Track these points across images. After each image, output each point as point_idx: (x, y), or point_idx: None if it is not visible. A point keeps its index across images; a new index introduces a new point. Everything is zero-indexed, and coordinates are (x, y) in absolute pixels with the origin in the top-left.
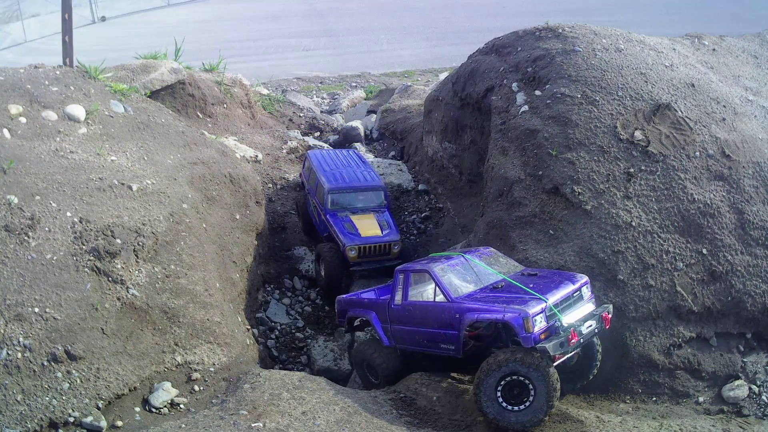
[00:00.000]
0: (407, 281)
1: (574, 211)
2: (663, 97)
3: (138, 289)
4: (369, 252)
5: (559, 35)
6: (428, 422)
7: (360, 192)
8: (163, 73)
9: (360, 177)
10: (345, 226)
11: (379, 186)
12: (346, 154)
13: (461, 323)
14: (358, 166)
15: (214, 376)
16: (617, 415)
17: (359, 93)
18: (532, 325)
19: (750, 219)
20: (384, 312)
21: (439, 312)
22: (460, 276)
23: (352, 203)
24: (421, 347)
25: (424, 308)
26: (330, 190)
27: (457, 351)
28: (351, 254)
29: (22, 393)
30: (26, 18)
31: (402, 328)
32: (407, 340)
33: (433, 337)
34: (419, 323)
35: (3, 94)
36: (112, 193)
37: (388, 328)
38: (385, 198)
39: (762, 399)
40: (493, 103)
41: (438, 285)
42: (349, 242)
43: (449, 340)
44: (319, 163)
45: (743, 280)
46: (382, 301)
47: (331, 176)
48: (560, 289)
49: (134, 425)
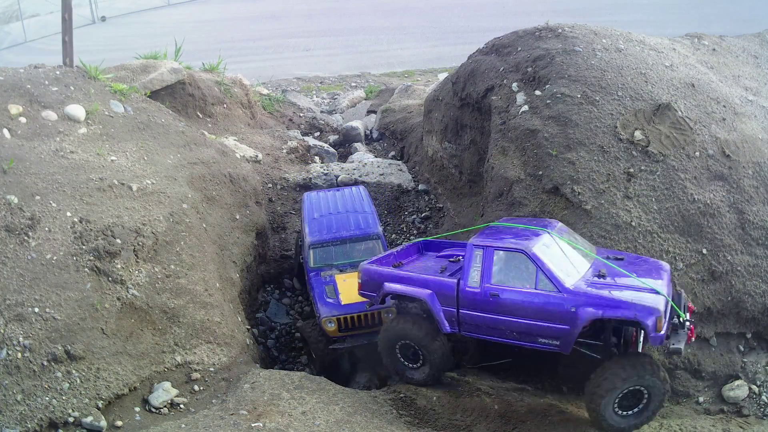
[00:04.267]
0: (489, 260)
1: (574, 211)
2: (663, 97)
3: (138, 289)
4: (353, 324)
5: (559, 35)
6: (428, 422)
7: (350, 243)
8: (163, 73)
9: (353, 224)
10: (325, 290)
11: (373, 234)
12: (347, 194)
13: (578, 319)
14: (355, 211)
15: (214, 376)
16: None
17: (359, 93)
18: (663, 324)
19: (750, 219)
20: (449, 294)
21: (545, 303)
22: (557, 259)
23: (340, 258)
24: (505, 338)
25: (520, 297)
26: (311, 245)
27: (564, 347)
28: (328, 327)
29: (22, 393)
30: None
31: (479, 315)
32: (483, 329)
33: (530, 329)
34: (509, 312)
35: (3, 94)
36: (112, 193)
37: (453, 312)
38: (384, 248)
39: (762, 399)
40: (493, 103)
41: (542, 270)
42: (325, 312)
43: (555, 334)
44: (310, 207)
45: (743, 280)
46: (445, 281)
47: (316, 226)
48: (663, 279)
49: (134, 425)
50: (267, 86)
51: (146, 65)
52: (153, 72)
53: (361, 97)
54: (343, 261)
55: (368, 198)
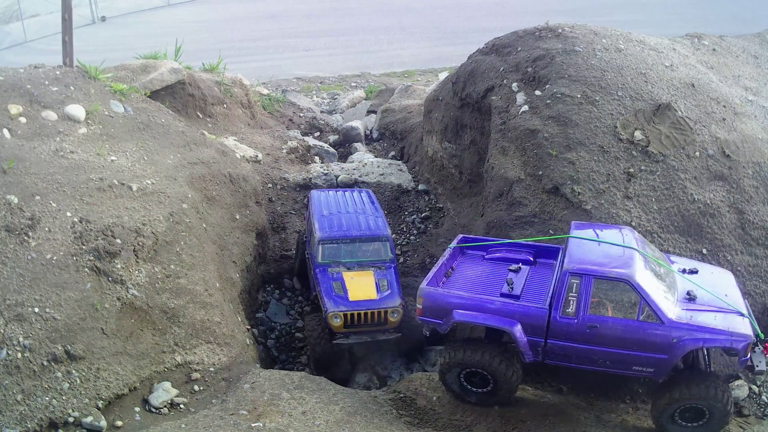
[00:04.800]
0: (587, 288)
1: (574, 211)
2: (663, 97)
3: (138, 289)
4: (358, 321)
5: (559, 35)
6: (428, 422)
7: (359, 242)
8: (163, 73)
9: (362, 224)
10: (333, 285)
11: (383, 236)
12: (355, 196)
13: (679, 349)
14: (364, 212)
15: (214, 376)
16: (617, 415)
17: (359, 93)
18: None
19: (750, 219)
20: (538, 324)
21: (647, 335)
22: (655, 285)
23: (348, 256)
24: (596, 366)
25: (621, 328)
26: (321, 240)
27: (658, 374)
28: (334, 323)
29: (22, 393)
30: (26, 18)
31: (572, 346)
32: (573, 358)
33: (626, 359)
34: (607, 343)
35: (3, 94)
36: (112, 193)
37: (540, 343)
38: (392, 251)
39: (762, 399)
40: (493, 103)
41: (646, 302)
42: (332, 307)
43: (651, 363)
44: (319, 204)
45: (743, 280)
46: (534, 310)
47: (327, 223)
48: (740, 293)
49: (134, 425)
50: (267, 86)
51: (146, 65)
52: (153, 72)
53: (361, 97)
54: (351, 259)
55: (376, 202)
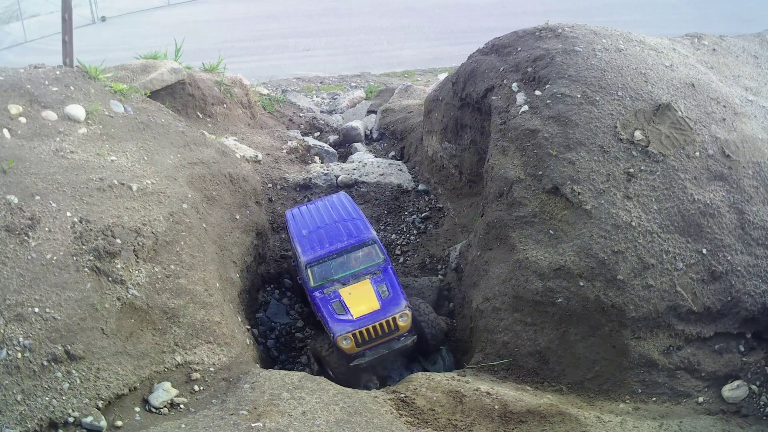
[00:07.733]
0: None
1: (574, 211)
2: (663, 97)
3: (138, 289)
4: (368, 337)
5: (559, 35)
6: (428, 422)
7: (346, 253)
8: (163, 73)
9: (344, 233)
10: (333, 307)
11: (368, 239)
12: (329, 203)
13: None
14: (343, 219)
15: (214, 376)
16: (617, 415)
17: (359, 93)
18: None
19: (750, 219)
20: None
21: None
22: None
23: (340, 270)
24: None
25: None
26: (308, 263)
27: None
28: (344, 345)
29: (22, 393)
30: (26, 18)
31: None
32: None
33: None
34: None
35: (3, 94)
36: (112, 193)
37: None
38: (382, 252)
39: (762, 399)
40: (493, 103)
41: None
42: (339, 331)
43: None
44: (296, 225)
45: (743, 280)
46: None
47: (308, 243)
48: None
49: (134, 425)
50: (267, 86)
51: (146, 65)
52: (153, 72)
53: (361, 97)
54: (343, 273)
55: (352, 204)
